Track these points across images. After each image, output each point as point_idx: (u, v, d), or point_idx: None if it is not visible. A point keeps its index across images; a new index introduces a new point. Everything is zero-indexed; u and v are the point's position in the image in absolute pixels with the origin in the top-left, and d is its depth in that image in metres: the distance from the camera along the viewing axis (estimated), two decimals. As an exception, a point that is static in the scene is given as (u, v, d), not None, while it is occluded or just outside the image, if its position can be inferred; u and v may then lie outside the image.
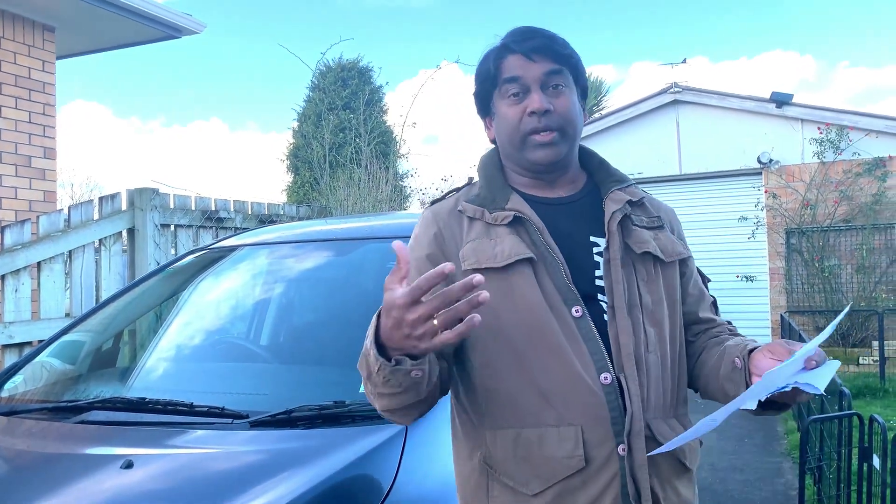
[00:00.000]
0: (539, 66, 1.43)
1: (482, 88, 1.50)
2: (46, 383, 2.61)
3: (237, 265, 3.03)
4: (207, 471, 1.78)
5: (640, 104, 10.58)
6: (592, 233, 1.46)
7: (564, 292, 1.37)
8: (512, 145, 1.46)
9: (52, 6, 5.64)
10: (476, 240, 1.42)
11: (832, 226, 9.47)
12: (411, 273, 1.36)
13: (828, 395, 4.56)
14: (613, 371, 1.35)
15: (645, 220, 1.51)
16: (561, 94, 1.44)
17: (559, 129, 1.43)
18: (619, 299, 1.39)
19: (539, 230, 1.41)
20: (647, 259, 1.46)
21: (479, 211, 1.45)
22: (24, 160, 5.68)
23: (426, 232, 1.47)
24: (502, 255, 1.38)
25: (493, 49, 1.48)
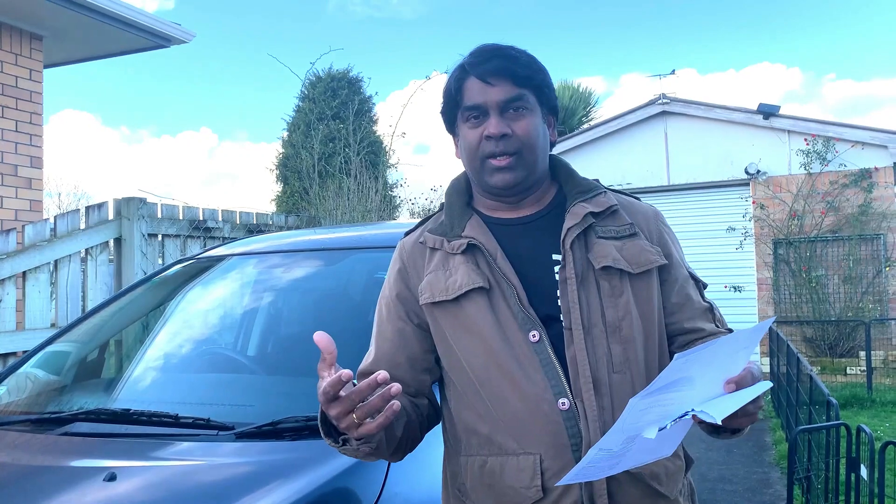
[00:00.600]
0: (497, 90, 1.39)
1: (447, 108, 1.49)
2: (30, 394, 2.58)
3: (225, 275, 3.01)
4: (192, 483, 1.76)
5: (629, 115, 10.63)
6: (555, 250, 1.41)
7: (520, 317, 1.35)
8: (472, 168, 1.45)
9: (39, 15, 5.61)
10: (433, 272, 1.43)
11: (819, 236, 9.53)
12: (381, 313, 1.49)
13: (816, 406, 4.57)
14: (572, 396, 1.31)
15: (613, 230, 1.44)
16: (521, 118, 1.41)
17: (516, 152, 1.39)
18: (576, 321, 1.35)
19: (492, 256, 1.39)
20: (612, 273, 1.39)
21: (438, 241, 1.45)
22: (11, 169, 5.64)
23: (393, 268, 1.51)
24: (454, 287, 1.38)
25: (454, 70, 1.46)
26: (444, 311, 1.40)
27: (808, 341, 9.47)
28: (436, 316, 1.41)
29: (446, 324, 1.40)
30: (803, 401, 5.18)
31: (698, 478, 5.45)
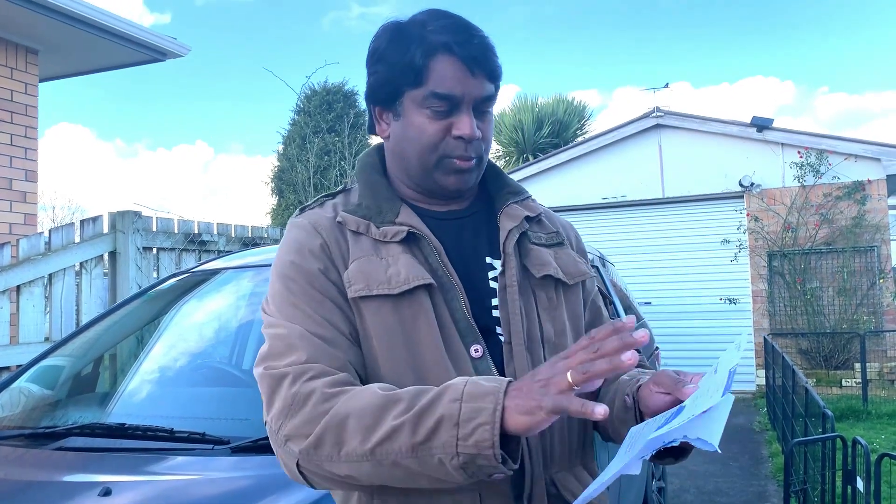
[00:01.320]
0: (477, 84, 1.19)
1: (393, 78, 1.20)
2: (24, 409, 2.57)
3: (220, 288, 3.01)
4: (188, 498, 1.75)
5: (623, 128, 10.68)
6: (488, 253, 1.25)
7: (463, 328, 1.16)
8: (422, 164, 1.21)
9: (35, 29, 5.63)
10: (363, 258, 1.18)
11: (813, 248, 9.56)
12: (303, 287, 1.15)
13: (812, 418, 4.57)
14: None
15: (543, 238, 1.31)
16: (488, 119, 1.23)
17: (478, 157, 1.22)
18: (517, 335, 1.18)
19: (437, 251, 1.19)
20: (549, 283, 1.26)
21: (363, 224, 1.21)
22: (6, 183, 5.64)
23: (310, 241, 1.20)
24: (397, 280, 1.14)
25: (420, 37, 1.18)
26: (377, 308, 1.14)
27: (804, 353, 9.48)
28: (365, 312, 1.15)
29: (381, 322, 1.14)
30: (799, 413, 5.18)
31: (694, 491, 5.44)
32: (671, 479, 5.55)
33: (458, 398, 0.96)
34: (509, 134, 17.94)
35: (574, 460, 1.24)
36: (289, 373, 1.08)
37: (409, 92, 1.19)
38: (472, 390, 0.96)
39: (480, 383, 0.97)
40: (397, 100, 1.21)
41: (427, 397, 0.98)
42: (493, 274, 1.24)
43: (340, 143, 10.72)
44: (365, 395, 1.02)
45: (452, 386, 0.98)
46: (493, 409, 0.93)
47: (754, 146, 9.96)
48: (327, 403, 1.03)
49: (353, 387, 1.06)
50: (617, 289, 4.80)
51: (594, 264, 4.42)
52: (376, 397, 1.01)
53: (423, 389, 1.01)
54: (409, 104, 1.20)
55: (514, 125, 17.91)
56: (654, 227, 10.52)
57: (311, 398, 1.04)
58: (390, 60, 1.20)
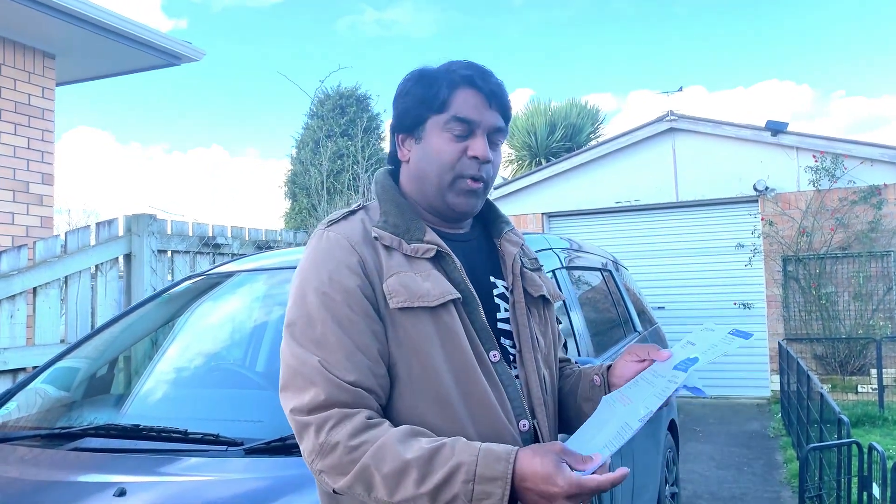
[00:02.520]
0: (493, 115, 1.37)
1: (419, 110, 1.38)
2: (40, 410, 2.59)
3: (234, 291, 3.02)
4: (201, 499, 1.76)
5: (637, 132, 10.64)
6: (491, 273, 1.43)
7: (483, 336, 1.33)
8: (439, 182, 1.36)
9: (52, 34, 5.68)
10: (402, 273, 1.29)
11: (829, 253, 9.49)
12: (339, 307, 1.25)
13: (827, 424, 4.54)
14: (528, 417, 1.34)
15: (528, 263, 1.50)
16: (497, 150, 1.41)
17: (486, 182, 1.38)
18: (526, 343, 1.38)
19: (459, 268, 1.34)
20: (539, 302, 1.46)
21: (395, 240, 1.33)
22: (22, 186, 5.69)
23: (348, 257, 1.30)
24: (434, 294, 1.28)
25: (446, 74, 1.38)
26: (417, 318, 1.27)
27: (819, 359, 9.40)
28: (404, 322, 1.27)
29: (419, 332, 1.27)
30: (814, 419, 5.14)
31: (708, 497, 5.41)
32: (685, 484, 5.52)
33: (471, 479, 1.10)
34: (522, 138, 17.90)
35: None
36: (311, 423, 1.20)
37: (433, 118, 1.37)
38: (483, 472, 1.10)
39: (489, 465, 1.10)
40: (420, 126, 1.38)
41: (442, 472, 1.11)
42: (497, 292, 1.41)
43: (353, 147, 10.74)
44: (387, 451, 1.15)
45: (465, 465, 1.11)
46: (500, 494, 1.09)
47: (769, 150, 9.90)
48: (353, 454, 1.16)
49: (372, 432, 1.18)
50: (630, 293, 4.79)
51: (607, 268, 4.41)
52: (397, 459, 1.14)
53: (435, 452, 1.13)
54: (431, 129, 1.37)
55: (526, 129, 17.87)
56: (668, 232, 10.47)
57: (337, 450, 1.17)
58: (417, 94, 1.38)
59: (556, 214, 11.13)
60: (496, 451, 1.13)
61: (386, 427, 1.19)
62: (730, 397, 9.77)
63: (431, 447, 1.14)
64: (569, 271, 3.51)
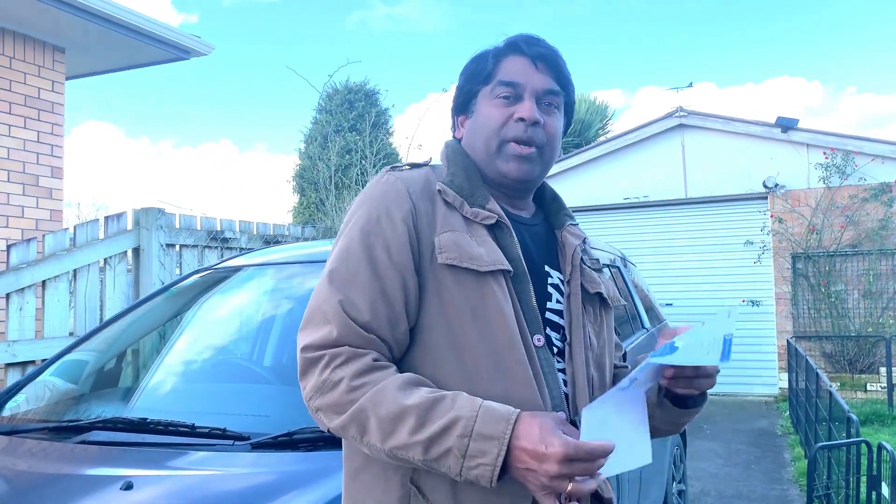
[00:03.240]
0: (541, 77, 1.33)
1: (469, 84, 1.38)
2: (48, 402, 2.60)
3: (241, 285, 3.02)
4: (208, 493, 1.76)
5: (646, 128, 10.60)
6: (547, 262, 1.37)
7: (530, 317, 1.26)
8: (486, 149, 1.33)
9: (61, 28, 5.69)
10: (457, 231, 1.25)
11: (838, 251, 9.44)
12: (377, 251, 1.22)
13: (836, 423, 4.52)
14: (569, 413, 1.25)
15: (589, 261, 1.44)
16: (552, 114, 1.35)
17: (540, 146, 1.33)
18: (577, 337, 1.31)
19: (516, 243, 1.29)
20: (596, 301, 1.39)
21: (458, 200, 1.29)
22: (32, 179, 5.71)
23: (399, 205, 1.26)
24: (485, 259, 1.22)
25: (495, 48, 1.37)
26: (462, 280, 1.22)
27: (828, 357, 9.36)
28: (448, 280, 1.22)
29: (464, 295, 1.22)
30: (823, 417, 5.12)
31: (715, 494, 5.39)
32: (692, 482, 5.51)
33: (468, 435, 1.07)
34: (531, 133, 17.86)
35: None
36: (321, 358, 1.18)
37: (482, 90, 1.36)
38: (481, 430, 1.07)
39: (488, 424, 1.07)
40: (472, 101, 1.38)
41: (439, 423, 1.09)
42: (550, 281, 1.35)
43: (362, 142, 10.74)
44: (387, 395, 1.13)
45: (463, 419, 1.08)
46: (496, 453, 1.06)
47: (779, 147, 9.85)
48: (353, 394, 1.14)
49: (377, 374, 1.16)
50: (639, 290, 4.77)
51: (615, 265, 4.39)
52: (395, 404, 1.11)
53: (435, 402, 1.11)
54: (482, 100, 1.36)
55: (535, 125, 17.83)
56: (677, 228, 10.43)
57: (339, 387, 1.15)
58: (468, 72, 1.39)
59: (564, 210, 11.10)
60: (498, 410, 1.09)
61: (391, 371, 1.17)
62: (737, 395, 9.75)
63: (432, 397, 1.12)
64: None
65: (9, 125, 5.57)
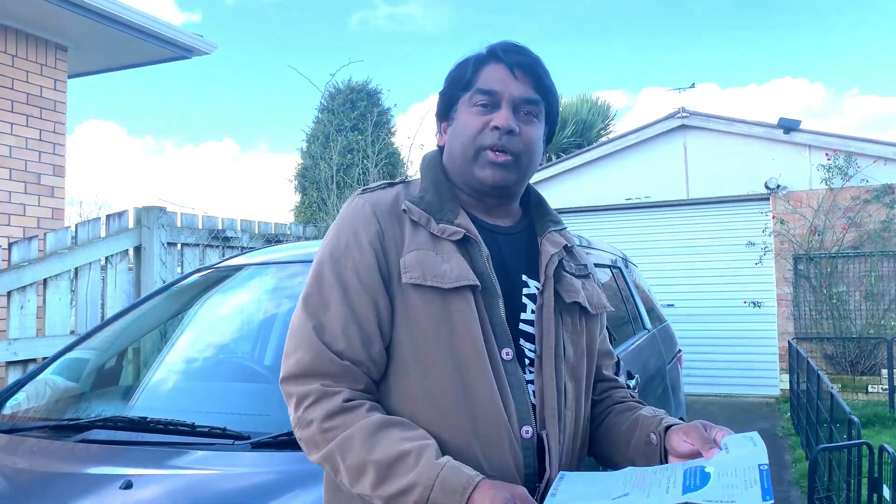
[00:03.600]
0: (519, 86, 1.33)
1: (450, 91, 1.39)
2: (49, 401, 2.60)
3: (243, 284, 3.02)
4: (208, 492, 1.76)
5: (648, 129, 10.59)
6: (524, 271, 1.36)
7: (498, 331, 1.27)
8: (463, 156, 1.34)
9: (64, 26, 5.69)
10: (421, 250, 1.27)
11: (840, 252, 9.43)
12: (347, 275, 1.24)
13: (837, 424, 4.51)
14: (535, 426, 1.26)
15: (574, 268, 1.43)
16: (530, 123, 1.34)
17: (516, 154, 1.32)
18: (549, 349, 1.30)
19: (485, 257, 1.29)
20: (574, 310, 1.37)
21: (424, 217, 1.30)
22: (34, 178, 5.71)
23: (367, 229, 1.29)
24: (450, 276, 1.24)
25: (476, 55, 1.38)
26: (429, 298, 1.24)
27: (829, 358, 9.35)
28: (415, 300, 1.25)
29: (429, 313, 1.24)
30: (824, 419, 5.11)
31: (716, 495, 5.37)
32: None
33: (424, 502, 1.09)
34: (532, 134, 17.83)
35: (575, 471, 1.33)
36: (293, 395, 1.23)
37: (462, 97, 1.36)
38: (436, 499, 1.08)
39: (443, 494, 1.08)
40: (453, 108, 1.39)
41: (397, 485, 1.11)
42: (527, 291, 1.34)
43: (363, 142, 10.74)
44: (353, 444, 1.16)
45: (420, 486, 1.09)
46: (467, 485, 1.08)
47: (781, 148, 9.83)
48: (325, 435, 1.18)
49: (346, 417, 1.18)
50: (640, 291, 4.76)
51: (617, 265, 4.39)
52: (359, 456, 1.15)
53: (397, 459, 1.13)
54: (461, 108, 1.36)
55: (537, 125, 17.80)
56: (679, 229, 10.42)
57: (311, 427, 1.20)
58: (451, 78, 1.39)
59: (565, 211, 11.09)
60: (454, 482, 1.09)
61: (361, 413, 1.19)
62: (738, 396, 9.73)
63: (396, 451, 1.13)
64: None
65: (11, 123, 5.57)
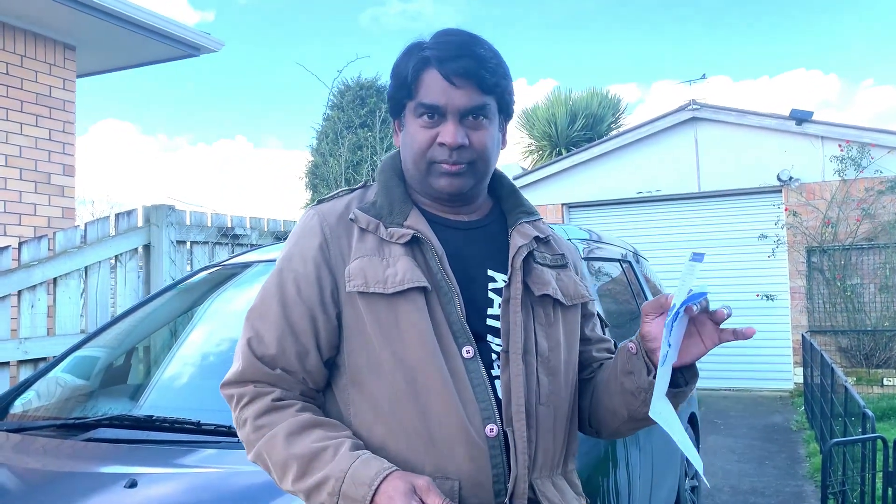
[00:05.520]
0: (461, 94, 1.27)
1: (396, 92, 1.34)
2: (59, 399, 2.61)
3: (251, 282, 3.01)
4: (213, 490, 1.75)
5: (659, 121, 10.53)
6: (491, 266, 1.33)
7: (456, 329, 1.25)
8: (416, 169, 1.31)
9: (72, 26, 5.71)
10: (366, 257, 1.26)
11: (854, 244, 9.34)
12: (288, 289, 1.27)
13: (851, 418, 4.47)
14: (501, 423, 1.23)
15: (549, 258, 1.39)
16: (480, 128, 1.29)
17: (469, 163, 1.29)
18: (515, 344, 1.26)
19: (438, 256, 1.27)
20: (547, 302, 1.34)
21: (373, 223, 1.29)
22: (44, 177, 5.74)
23: (308, 240, 1.30)
24: (393, 280, 1.23)
25: (413, 54, 1.30)
26: (374, 305, 1.24)
27: (843, 351, 9.27)
28: (361, 307, 1.24)
29: (375, 319, 1.24)
30: (838, 412, 5.07)
31: (729, 490, 5.35)
32: (705, 478, 5.46)
33: (336, 494, 1.12)
34: (542, 128, 17.78)
35: (555, 469, 1.32)
36: (231, 397, 1.28)
37: (408, 104, 1.32)
38: (346, 491, 1.11)
39: (353, 486, 1.10)
40: (402, 112, 1.34)
41: (314, 478, 1.15)
42: (494, 286, 1.32)
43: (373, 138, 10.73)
44: (277, 442, 1.19)
45: (332, 479, 1.12)
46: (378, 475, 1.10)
47: (793, 140, 9.75)
48: (255, 434, 1.23)
49: (274, 415, 1.22)
50: (651, 285, 4.73)
51: (627, 259, 4.36)
52: (282, 452, 1.19)
53: (315, 455, 1.16)
54: (409, 115, 1.32)
55: (547, 119, 17.75)
56: (690, 222, 10.36)
57: (246, 426, 1.24)
58: (395, 75, 1.33)
59: (576, 205, 11.05)
60: (364, 473, 1.11)
61: (290, 413, 1.22)
62: (751, 390, 9.68)
63: (315, 447, 1.16)
64: (588, 262, 3.47)
65: (20, 123, 5.59)
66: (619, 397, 1.33)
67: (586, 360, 1.45)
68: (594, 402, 1.42)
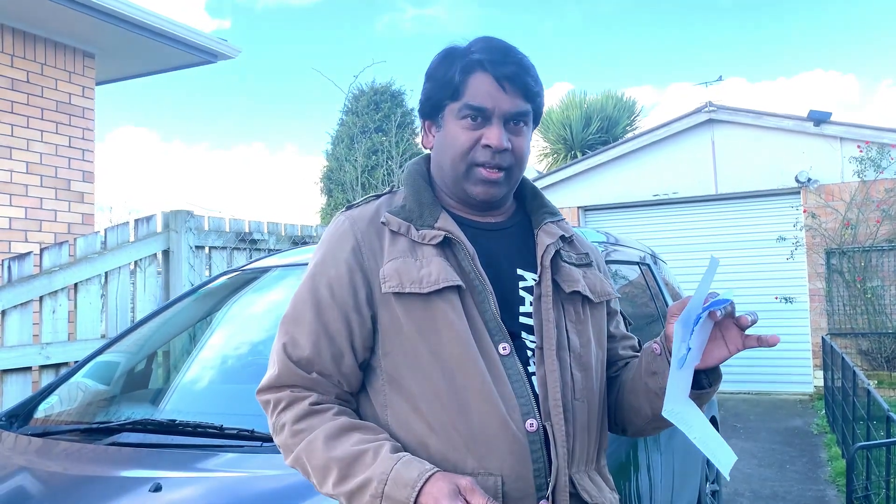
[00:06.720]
0: (509, 99, 1.30)
1: (437, 93, 1.35)
2: (81, 404, 2.63)
3: (270, 286, 3.03)
4: (236, 494, 1.75)
5: (675, 123, 10.47)
6: (520, 265, 1.36)
7: (492, 326, 1.27)
8: (454, 171, 1.34)
9: (91, 34, 5.77)
10: (399, 258, 1.28)
11: (874, 246, 9.25)
12: (322, 293, 1.28)
13: (874, 422, 4.42)
14: (540, 418, 1.25)
15: (574, 257, 1.42)
16: (521, 134, 1.33)
17: (508, 169, 1.32)
18: (549, 340, 1.29)
19: (470, 256, 1.29)
20: (576, 299, 1.37)
21: (404, 226, 1.31)
22: (64, 184, 5.79)
23: (342, 245, 1.32)
24: (428, 280, 1.25)
25: (462, 57, 1.33)
26: (410, 305, 1.25)
27: (864, 354, 9.18)
28: (397, 308, 1.26)
29: (413, 318, 1.25)
30: (860, 416, 5.01)
31: (750, 495, 5.30)
32: (725, 482, 5.42)
33: (379, 496, 1.11)
34: (557, 131, 17.75)
35: (590, 464, 1.34)
36: (268, 402, 1.29)
37: (449, 105, 1.33)
38: (390, 493, 1.11)
39: (396, 488, 1.10)
40: (440, 113, 1.35)
41: (356, 481, 1.14)
42: (524, 284, 1.34)
43: (388, 143, 10.75)
44: (317, 445, 1.20)
45: (375, 481, 1.12)
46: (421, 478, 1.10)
47: (811, 141, 9.67)
48: (294, 439, 1.24)
49: (313, 419, 1.23)
50: (669, 287, 4.71)
51: (645, 262, 4.33)
52: (322, 456, 1.19)
53: (356, 457, 1.16)
54: (449, 116, 1.33)
55: (561, 122, 17.71)
56: (707, 225, 10.29)
57: (284, 431, 1.25)
58: (436, 77, 1.35)
59: (592, 208, 11.02)
60: (406, 475, 1.11)
61: (328, 416, 1.23)
62: (771, 393, 9.59)
63: (356, 450, 1.17)
64: (605, 265, 3.45)
65: (41, 130, 5.65)
66: (644, 396, 1.36)
67: (612, 357, 1.48)
68: (619, 400, 1.44)
